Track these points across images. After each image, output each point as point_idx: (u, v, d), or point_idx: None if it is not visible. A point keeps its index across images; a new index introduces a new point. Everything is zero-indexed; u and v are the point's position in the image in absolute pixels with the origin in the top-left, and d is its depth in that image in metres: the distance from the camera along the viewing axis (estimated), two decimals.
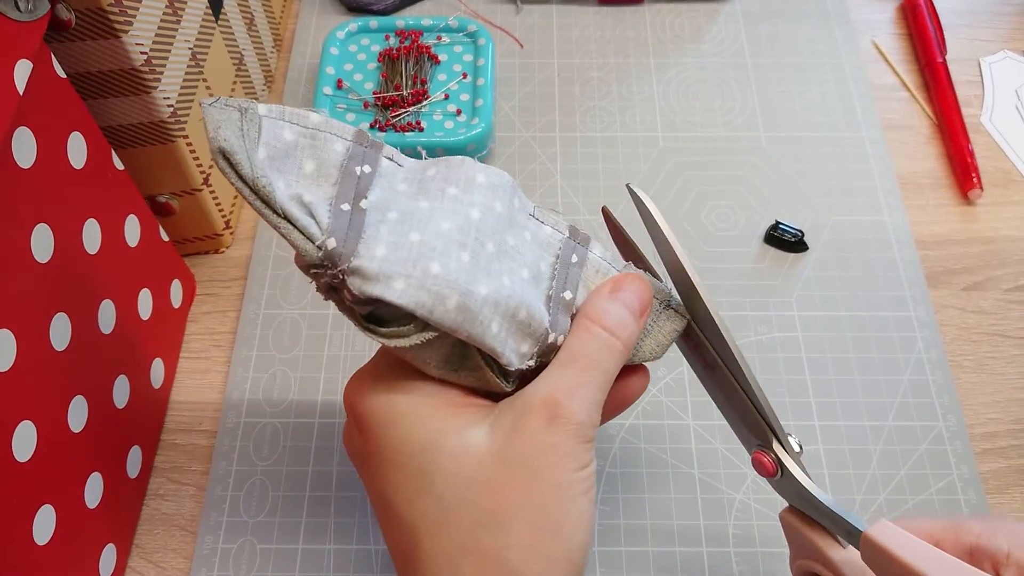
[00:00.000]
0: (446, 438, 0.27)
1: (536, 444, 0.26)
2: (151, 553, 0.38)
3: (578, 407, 0.27)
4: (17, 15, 0.29)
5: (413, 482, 0.27)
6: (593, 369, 0.27)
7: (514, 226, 0.28)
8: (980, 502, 0.39)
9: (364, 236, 0.26)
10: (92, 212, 0.34)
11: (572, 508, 0.26)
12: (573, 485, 0.26)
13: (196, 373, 0.43)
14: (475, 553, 0.26)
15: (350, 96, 0.49)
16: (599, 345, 0.28)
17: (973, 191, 0.48)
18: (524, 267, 0.28)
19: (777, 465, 0.30)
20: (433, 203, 0.27)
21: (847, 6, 0.58)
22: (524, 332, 0.28)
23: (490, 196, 0.28)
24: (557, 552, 0.26)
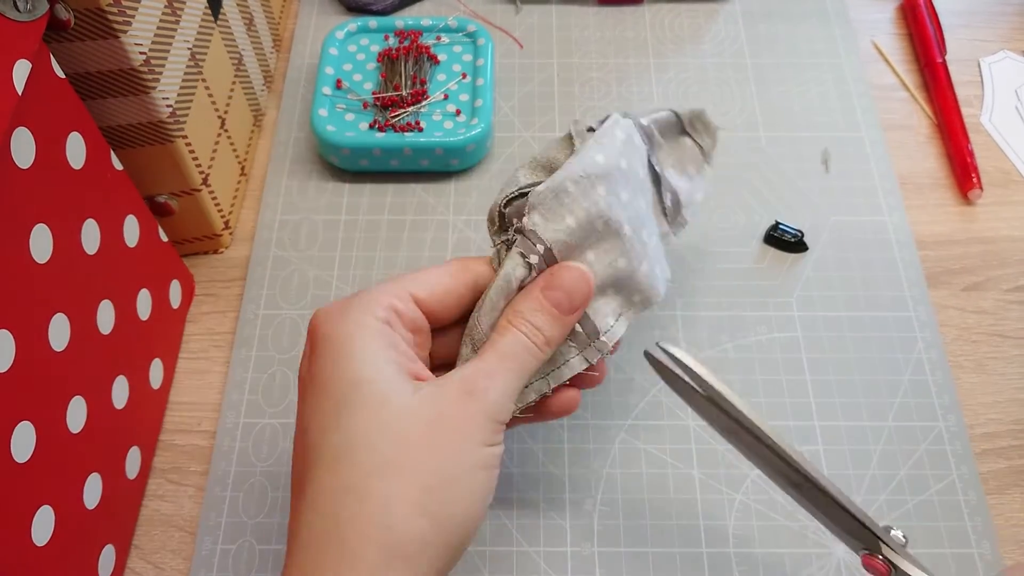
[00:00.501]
0: (377, 384, 0.28)
1: (448, 413, 0.28)
2: (150, 554, 0.38)
3: (491, 388, 0.29)
4: (16, 15, 0.29)
5: (333, 411, 0.28)
6: (509, 360, 0.30)
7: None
8: (980, 502, 0.39)
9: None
10: (91, 212, 0.34)
11: (468, 477, 0.28)
12: (475, 456, 0.28)
13: (195, 373, 0.43)
14: (361, 493, 0.26)
15: (349, 96, 0.49)
16: (516, 343, 0.30)
17: (973, 191, 0.48)
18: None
19: (889, 566, 0.30)
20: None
21: (847, 6, 0.58)
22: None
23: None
24: (442, 513, 0.27)
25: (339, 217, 0.48)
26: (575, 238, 0.31)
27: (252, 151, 0.50)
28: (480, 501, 0.28)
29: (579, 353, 0.32)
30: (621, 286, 0.33)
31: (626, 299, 0.33)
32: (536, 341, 0.30)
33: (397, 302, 0.31)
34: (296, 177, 0.50)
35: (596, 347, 0.32)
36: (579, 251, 0.32)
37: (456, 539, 0.27)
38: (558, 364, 0.32)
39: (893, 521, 0.38)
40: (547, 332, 0.30)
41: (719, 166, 0.50)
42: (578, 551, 0.38)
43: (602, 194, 0.31)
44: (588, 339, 0.32)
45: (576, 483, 0.40)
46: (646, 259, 0.33)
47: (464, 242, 0.47)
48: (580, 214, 0.31)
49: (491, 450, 0.29)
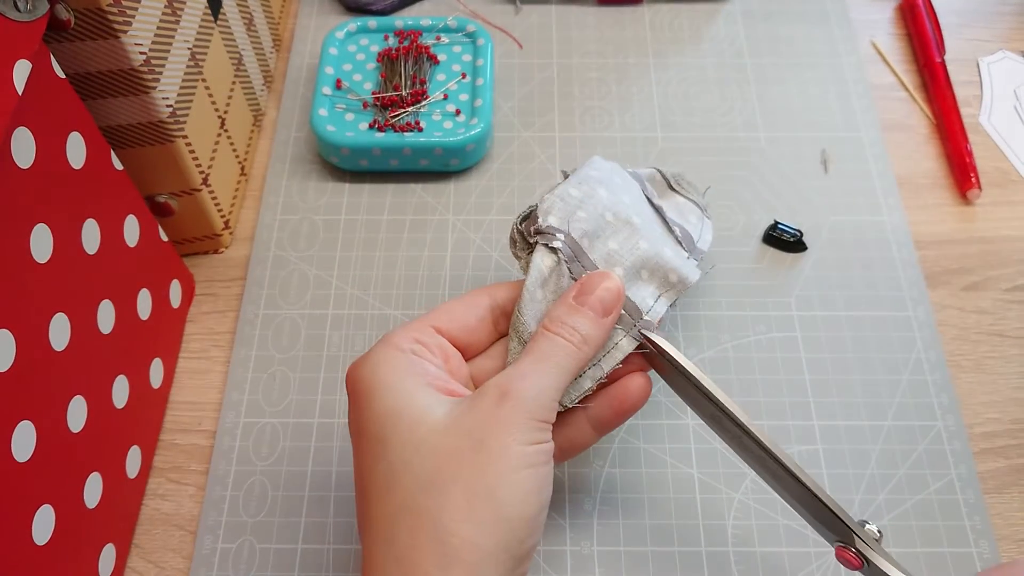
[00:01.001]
0: (409, 409, 0.29)
1: (483, 418, 0.28)
2: (150, 553, 0.38)
3: (527, 387, 0.29)
4: (16, 15, 0.29)
5: (375, 448, 0.29)
6: (545, 360, 0.30)
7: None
8: (978, 502, 0.39)
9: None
10: (91, 212, 0.35)
11: (511, 478, 0.27)
12: (516, 457, 0.28)
13: (195, 373, 0.43)
14: (412, 512, 0.27)
15: (349, 96, 0.49)
16: (551, 345, 0.31)
17: (972, 191, 0.48)
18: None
19: (861, 558, 0.31)
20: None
21: (846, 6, 0.58)
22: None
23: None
24: (490, 517, 0.27)
25: (339, 217, 0.48)
26: (591, 226, 0.34)
27: (252, 151, 0.50)
28: (531, 499, 0.28)
29: (626, 335, 0.33)
30: (654, 268, 0.35)
31: (663, 280, 0.35)
32: (573, 340, 0.31)
33: (419, 335, 0.31)
34: (296, 177, 0.50)
35: (642, 326, 0.33)
36: (601, 241, 0.34)
37: (515, 539, 0.27)
38: (608, 349, 0.33)
39: (892, 520, 0.39)
40: (583, 330, 0.31)
41: (720, 166, 0.50)
42: (577, 550, 0.38)
43: (604, 195, 0.35)
44: (632, 320, 0.33)
45: (576, 482, 0.40)
46: (667, 246, 0.35)
47: (464, 242, 0.47)
48: (588, 209, 0.34)
49: (534, 448, 0.28)
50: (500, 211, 0.48)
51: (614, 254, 0.34)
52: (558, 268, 0.33)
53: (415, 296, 0.45)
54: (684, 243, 0.38)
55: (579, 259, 0.33)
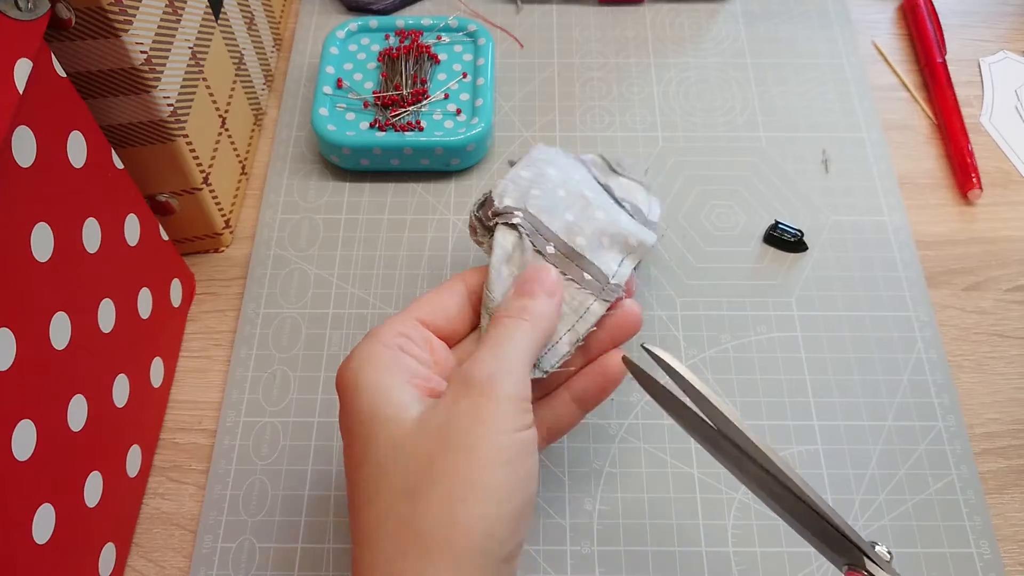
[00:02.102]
0: (388, 409, 0.28)
1: (451, 413, 0.28)
2: (150, 552, 0.38)
3: (486, 367, 0.29)
4: (17, 14, 0.29)
5: (359, 449, 0.29)
6: (500, 344, 0.30)
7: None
8: (979, 502, 0.39)
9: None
10: (92, 211, 0.35)
11: (486, 477, 0.27)
12: (489, 452, 0.27)
13: (196, 372, 0.43)
14: (394, 519, 0.27)
15: (350, 95, 0.49)
16: (504, 328, 0.31)
17: (973, 191, 0.48)
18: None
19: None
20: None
21: (847, 6, 0.58)
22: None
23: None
24: (469, 518, 0.26)
25: (340, 216, 0.48)
26: (546, 203, 0.35)
27: (253, 150, 0.50)
28: (513, 497, 0.27)
29: (597, 299, 0.34)
30: (614, 235, 0.36)
31: (623, 245, 0.36)
32: (523, 316, 0.31)
33: (403, 328, 0.31)
34: (296, 176, 0.50)
35: (610, 289, 0.34)
36: (557, 215, 0.35)
37: (494, 541, 0.27)
38: (581, 314, 0.34)
39: (892, 520, 0.39)
40: (532, 308, 0.31)
41: (720, 166, 0.50)
42: (578, 550, 0.38)
43: (553, 173, 0.37)
44: (600, 285, 0.34)
45: (576, 482, 0.40)
46: (622, 215, 0.37)
47: (464, 242, 0.47)
48: (541, 187, 0.36)
49: (515, 437, 0.28)
50: None
51: (572, 225, 0.35)
52: (520, 243, 0.34)
53: (415, 295, 0.45)
54: (636, 217, 0.39)
55: (540, 232, 0.34)
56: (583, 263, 0.35)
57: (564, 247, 0.35)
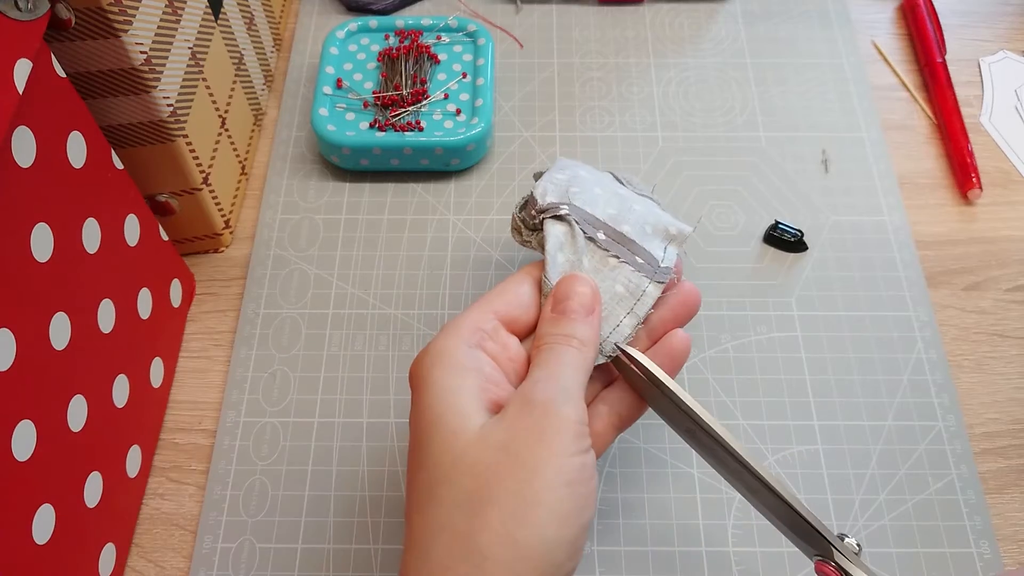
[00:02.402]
0: (451, 416, 0.28)
1: (512, 427, 0.27)
2: (150, 552, 0.38)
3: (543, 388, 0.28)
4: (17, 14, 0.29)
5: (417, 453, 0.28)
6: (552, 365, 0.30)
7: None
8: (979, 502, 0.39)
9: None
10: (92, 211, 0.35)
11: (548, 498, 0.26)
12: (551, 474, 0.27)
13: (196, 372, 0.43)
14: (449, 532, 0.26)
15: (350, 95, 0.49)
16: (552, 352, 0.30)
17: (972, 191, 0.48)
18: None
19: (841, 573, 0.30)
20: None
21: (847, 6, 0.58)
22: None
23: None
24: (529, 539, 0.26)
25: (339, 216, 0.48)
26: (587, 198, 0.35)
27: (252, 150, 0.50)
28: (570, 521, 0.27)
29: (651, 280, 0.34)
30: (655, 224, 0.36)
31: (665, 234, 0.36)
32: (570, 344, 0.30)
33: (481, 322, 0.31)
34: (296, 176, 0.50)
35: (662, 272, 0.34)
36: (599, 208, 0.35)
37: (551, 563, 0.26)
38: (638, 296, 0.34)
39: (893, 520, 0.39)
40: (577, 334, 0.31)
41: (720, 166, 0.50)
42: None
43: (585, 175, 0.37)
44: (653, 268, 0.34)
45: None
46: (658, 208, 0.37)
47: (464, 241, 0.47)
48: (579, 185, 0.36)
49: (575, 460, 0.27)
50: (501, 211, 0.48)
51: (615, 216, 0.35)
52: (571, 231, 0.34)
53: (415, 296, 0.45)
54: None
55: (588, 221, 0.35)
56: (634, 247, 0.35)
57: (614, 232, 0.35)
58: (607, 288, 0.34)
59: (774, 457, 0.40)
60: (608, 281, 0.34)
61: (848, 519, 0.39)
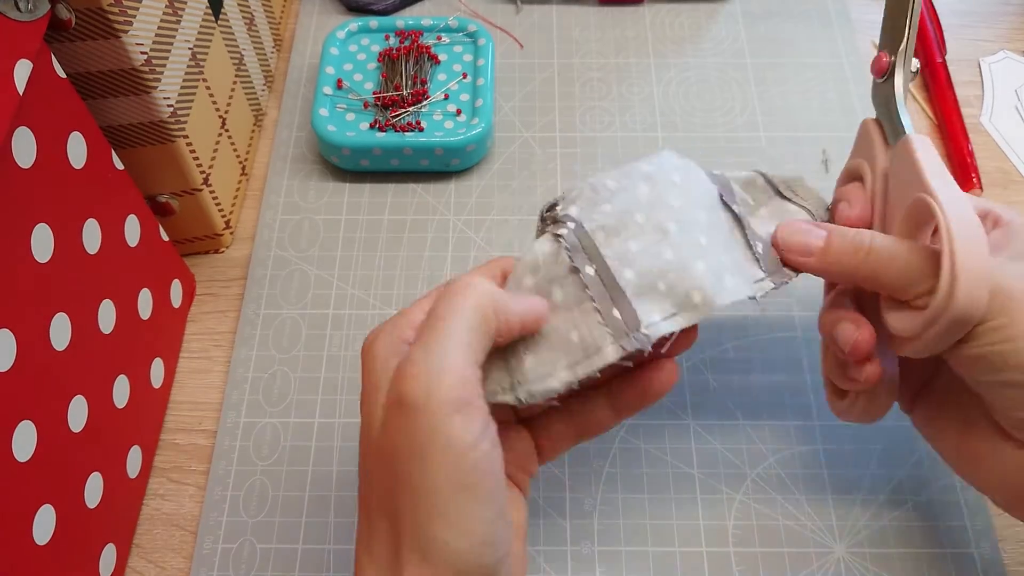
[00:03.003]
0: (380, 396, 0.26)
1: (395, 439, 0.24)
2: (151, 553, 0.38)
3: (422, 376, 0.24)
4: (17, 15, 0.29)
5: (363, 411, 0.27)
6: (437, 324, 0.25)
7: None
8: (980, 502, 0.39)
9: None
10: (92, 212, 0.35)
11: (446, 510, 0.24)
12: (443, 484, 0.23)
13: (196, 373, 0.43)
14: (380, 533, 0.25)
15: (350, 96, 0.49)
16: (442, 301, 0.26)
17: (973, 191, 0.48)
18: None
19: (889, 68, 0.33)
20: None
21: (847, 6, 0.58)
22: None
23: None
24: (437, 555, 0.24)
25: (339, 217, 0.48)
26: (612, 221, 0.30)
27: (253, 151, 0.50)
28: (478, 517, 0.24)
29: (615, 342, 0.29)
30: (673, 283, 0.30)
31: (683, 298, 0.30)
32: (471, 285, 0.26)
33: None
34: (296, 177, 0.50)
35: (635, 337, 0.29)
36: (620, 239, 0.30)
37: (476, 564, 0.24)
38: (589, 353, 0.29)
39: (893, 521, 0.39)
40: (478, 283, 0.27)
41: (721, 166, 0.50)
42: (578, 550, 0.38)
43: (644, 192, 0.31)
44: (627, 328, 0.29)
45: (576, 483, 0.40)
46: (703, 259, 0.30)
47: (464, 242, 0.47)
48: (618, 203, 0.31)
49: (466, 460, 0.24)
50: (500, 211, 0.48)
51: (631, 255, 0.30)
52: (557, 255, 0.30)
53: (415, 296, 0.45)
54: (763, 261, 0.33)
55: (586, 251, 0.30)
56: (619, 298, 0.29)
57: (606, 274, 0.30)
58: (563, 330, 0.29)
59: (774, 457, 0.40)
60: (568, 323, 0.29)
61: (849, 519, 0.39)
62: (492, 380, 0.29)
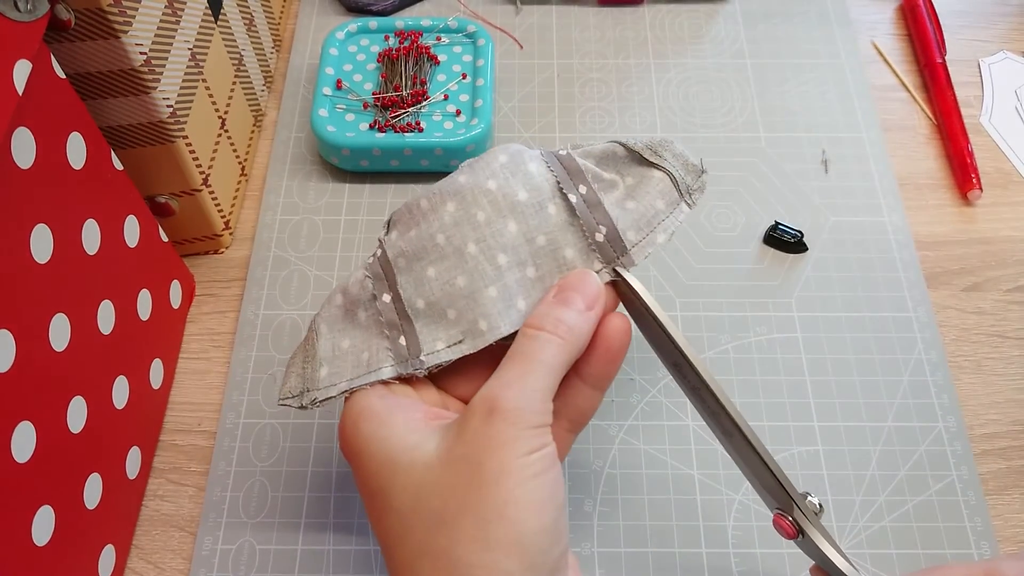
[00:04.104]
0: (401, 454, 0.28)
1: (475, 439, 0.27)
2: (150, 554, 0.38)
3: (514, 396, 0.28)
4: (16, 15, 0.29)
5: (378, 501, 0.29)
6: (529, 362, 0.29)
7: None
8: (979, 503, 0.39)
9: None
10: (91, 212, 0.34)
11: (518, 493, 0.26)
12: (517, 471, 0.27)
13: (195, 374, 0.43)
14: (430, 554, 0.27)
15: (349, 96, 0.49)
16: (535, 344, 0.29)
17: (972, 192, 0.48)
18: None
19: (796, 528, 0.31)
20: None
21: (847, 6, 0.58)
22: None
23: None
24: (506, 539, 0.26)
25: (339, 217, 0.48)
26: (413, 247, 0.32)
27: (252, 151, 0.50)
28: (545, 508, 0.27)
29: (393, 364, 0.31)
30: (463, 310, 0.31)
31: (470, 326, 0.31)
32: (558, 332, 0.29)
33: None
34: (296, 177, 0.50)
35: (412, 364, 0.31)
36: (421, 265, 0.32)
37: (538, 552, 0.26)
38: (371, 368, 0.31)
39: (893, 522, 0.39)
40: (569, 321, 0.30)
41: (720, 166, 0.50)
42: (578, 551, 0.38)
43: (451, 210, 0.32)
44: (408, 355, 0.31)
45: (576, 483, 0.40)
46: (496, 285, 0.31)
47: None
48: (424, 227, 0.32)
49: (536, 455, 0.27)
50: None
51: (426, 283, 0.32)
52: (362, 282, 0.33)
53: None
54: (611, 242, 0.32)
55: (386, 278, 0.32)
56: (407, 326, 0.32)
57: (398, 303, 0.32)
58: (359, 349, 0.32)
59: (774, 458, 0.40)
60: (364, 343, 0.32)
61: (848, 520, 0.39)
62: (287, 387, 0.33)
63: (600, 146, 0.34)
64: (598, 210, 0.32)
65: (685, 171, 0.33)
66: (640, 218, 0.32)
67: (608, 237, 0.32)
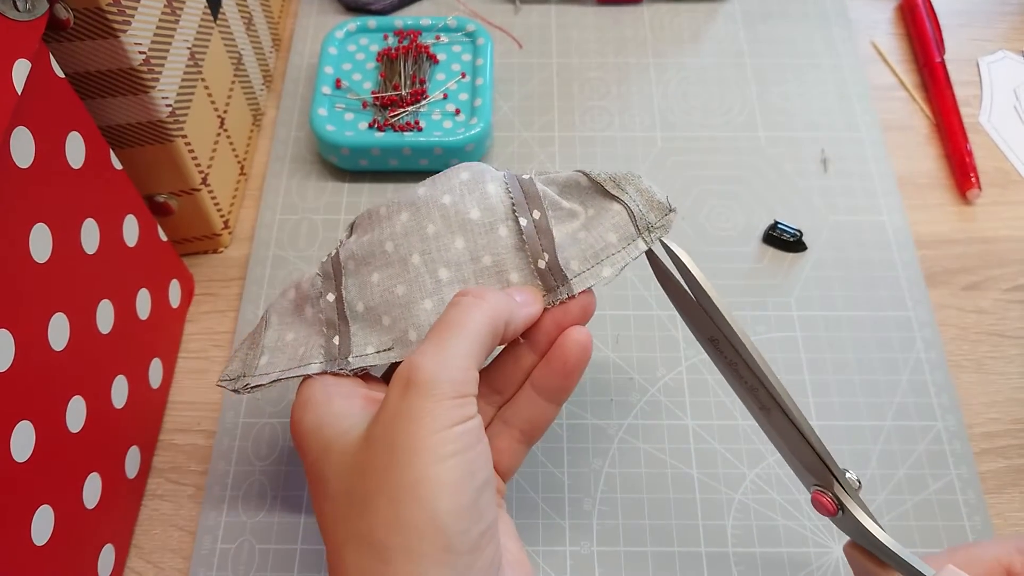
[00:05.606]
0: (333, 440, 0.28)
1: (391, 416, 0.27)
2: (150, 553, 0.38)
3: (431, 365, 0.26)
4: (15, 15, 0.29)
5: (318, 489, 0.29)
6: (448, 328, 0.28)
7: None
8: (979, 502, 0.39)
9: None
10: (90, 212, 0.34)
11: (431, 472, 0.25)
12: (432, 448, 0.26)
13: (195, 373, 0.43)
14: (354, 538, 0.26)
15: (349, 96, 0.49)
16: (455, 310, 0.29)
17: (971, 191, 0.48)
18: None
19: (837, 504, 0.30)
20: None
21: (846, 6, 0.58)
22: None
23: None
24: (420, 519, 0.25)
25: (338, 216, 0.48)
26: (363, 251, 0.33)
27: (251, 150, 0.50)
28: (462, 488, 0.26)
29: (322, 361, 0.32)
30: (397, 319, 0.32)
31: (401, 335, 0.32)
32: (482, 296, 0.29)
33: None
34: (295, 176, 0.50)
35: (339, 363, 0.32)
36: (367, 269, 0.33)
37: (454, 533, 0.25)
38: (302, 363, 0.32)
39: (892, 521, 0.39)
40: (494, 294, 0.29)
41: (719, 166, 0.50)
42: (577, 550, 0.38)
43: (403, 220, 0.33)
44: (338, 355, 0.32)
45: (575, 483, 0.40)
46: (432, 298, 0.32)
47: None
48: (376, 233, 0.33)
49: (456, 430, 0.26)
50: None
51: (369, 287, 0.33)
52: (313, 280, 0.34)
53: None
54: (551, 271, 0.32)
55: (335, 278, 0.34)
56: (343, 327, 0.32)
57: (340, 304, 0.33)
58: (299, 342, 0.33)
59: (774, 457, 0.40)
60: (304, 337, 0.33)
61: None
62: (228, 369, 0.34)
63: (564, 174, 0.34)
64: (546, 236, 0.32)
65: (648, 207, 0.32)
66: (587, 249, 0.32)
67: (549, 265, 0.32)
